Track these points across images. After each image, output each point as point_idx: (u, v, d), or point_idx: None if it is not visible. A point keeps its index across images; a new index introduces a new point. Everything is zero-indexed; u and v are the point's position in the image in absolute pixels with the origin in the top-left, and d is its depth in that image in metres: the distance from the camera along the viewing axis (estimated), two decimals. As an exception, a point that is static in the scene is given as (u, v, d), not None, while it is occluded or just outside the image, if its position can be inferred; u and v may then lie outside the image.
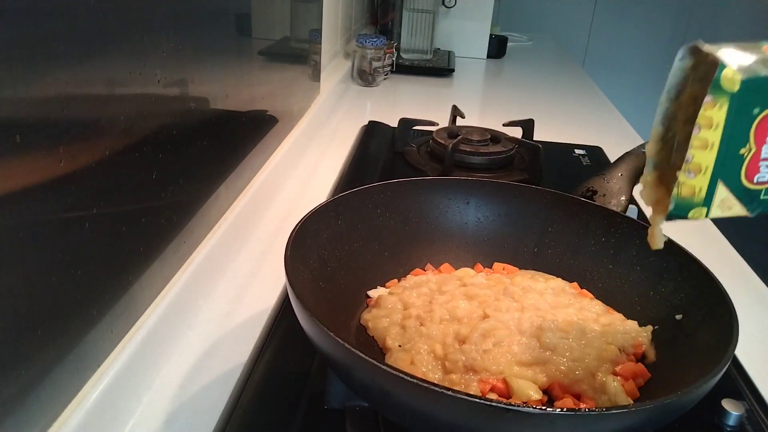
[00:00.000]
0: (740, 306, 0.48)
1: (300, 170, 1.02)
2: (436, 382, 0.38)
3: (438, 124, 1.11)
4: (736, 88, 0.36)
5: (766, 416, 0.54)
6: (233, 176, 0.73)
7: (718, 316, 0.48)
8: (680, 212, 0.40)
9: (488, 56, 1.99)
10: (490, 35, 1.97)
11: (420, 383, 0.37)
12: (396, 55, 1.66)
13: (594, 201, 0.80)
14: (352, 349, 0.39)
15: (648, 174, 0.42)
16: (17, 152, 0.35)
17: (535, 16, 2.84)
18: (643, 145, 0.89)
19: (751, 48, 0.37)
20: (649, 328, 0.55)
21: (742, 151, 0.38)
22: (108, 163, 0.45)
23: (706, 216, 0.40)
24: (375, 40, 1.50)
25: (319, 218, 0.57)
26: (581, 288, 0.62)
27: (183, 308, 0.60)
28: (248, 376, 0.55)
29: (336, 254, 0.58)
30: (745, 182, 0.39)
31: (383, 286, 0.62)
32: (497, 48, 1.99)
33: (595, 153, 1.16)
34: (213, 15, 0.65)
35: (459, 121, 1.17)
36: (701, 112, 0.36)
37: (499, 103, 1.59)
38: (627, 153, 0.89)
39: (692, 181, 0.38)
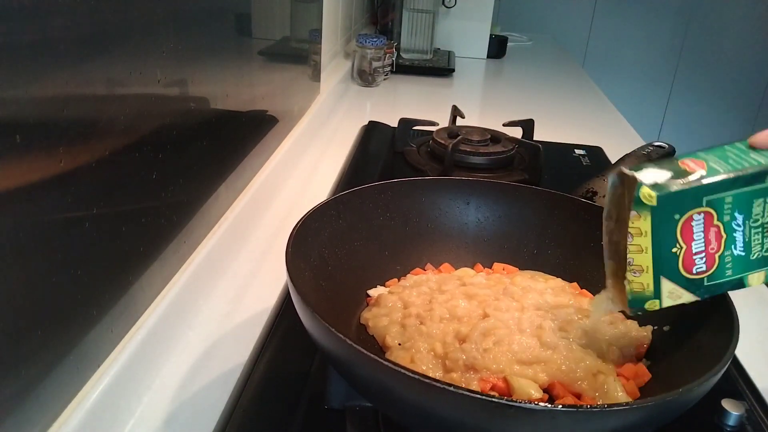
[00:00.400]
0: (740, 306, 0.48)
1: (300, 170, 1.02)
2: (436, 381, 0.38)
3: (438, 124, 1.11)
4: (654, 202, 0.43)
5: (766, 416, 0.54)
6: (233, 176, 0.73)
7: (718, 316, 0.48)
8: (637, 304, 0.46)
9: (488, 56, 1.99)
10: (490, 35, 1.97)
11: (422, 379, 0.37)
12: (396, 55, 1.66)
13: (594, 202, 0.80)
14: (354, 345, 0.39)
15: (608, 280, 0.48)
16: (17, 152, 0.35)
17: (535, 16, 2.84)
18: (643, 147, 0.89)
19: (668, 164, 0.44)
20: (649, 327, 0.55)
21: (674, 249, 0.44)
22: (108, 163, 0.45)
23: (660, 307, 0.46)
24: (375, 40, 1.50)
25: (320, 217, 0.57)
26: (581, 288, 0.62)
27: (183, 308, 0.60)
28: (248, 376, 0.55)
29: (336, 253, 0.58)
30: (685, 274, 0.45)
31: (383, 285, 0.62)
32: (497, 48, 1.99)
33: (595, 153, 1.16)
34: (213, 15, 0.65)
35: (459, 121, 1.17)
36: (630, 223, 0.43)
37: (499, 103, 1.59)
38: (627, 154, 0.89)
39: (639, 279, 0.45)
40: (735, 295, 0.49)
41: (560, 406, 0.36)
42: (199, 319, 0.63)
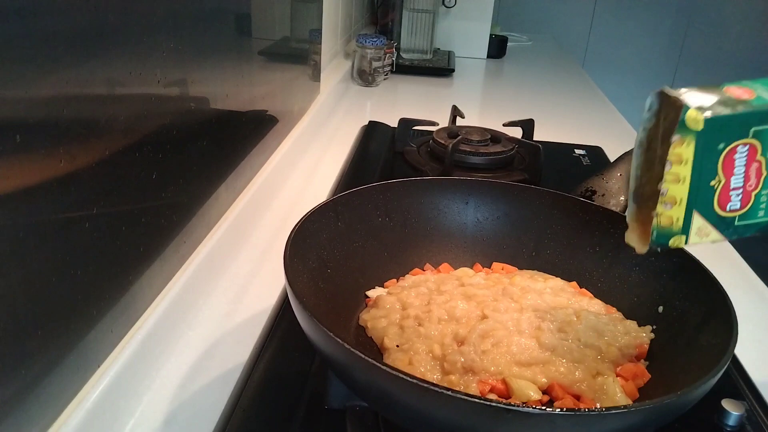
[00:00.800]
0: (740, 306, 0.48)
1: (300, 170, 1.02)
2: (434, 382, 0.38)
3: (438, 124, 1.11)
4: (700, 126, 0.40)
5: (766, 416, 0.54)
6: (233, 176, 0.73)
7: (718, 316, 0.48)
8: (661, 240, 0.43)
9: (488, 56, 1.99)
10: (490, 35, 1.97)
11: (420, 383, 0.37)
12: (396, 55, 1.66)
13: (593, 201, 0.80)
14: (351, 349, 0.39)
15: (630, 214, 0.45)
16: (17, 152, 0.35)
17: (535, 16, 2.84)
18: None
19: (713, 90, 0.41)
20: (649, 327, 0.55)
21: (712, 183, 0.42)
22: (108, 163, 0.45)
23: (686, 243, 0.43)
24: (375, 40, 1.50)
25: (319, 218, 0.57)
26: (580, 287, 0.62)
27: (183, 308, 0.60)
28: (248, 376, 0.55)
29: (335, 254, 0.58)
30: (718, 211, 0.43)
31: (382, 286, 0.62)
32: (497, 48, 1.99)
33: (595, 153, 1.16)
34: (213, 15, 0.65)
35: (459, 121, 1.17)
36: (671, 149, 0.40)
37: (499, 103, 1.59)
38: (626, 153, 0.89)
39: (669, 212, 0.42)
40: (735, 295, 0.49)
41: (558, 409, 0.36)
42: (199, 319, 0.63)
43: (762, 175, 0.42)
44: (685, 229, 0.43)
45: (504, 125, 1.13)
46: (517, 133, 1.12)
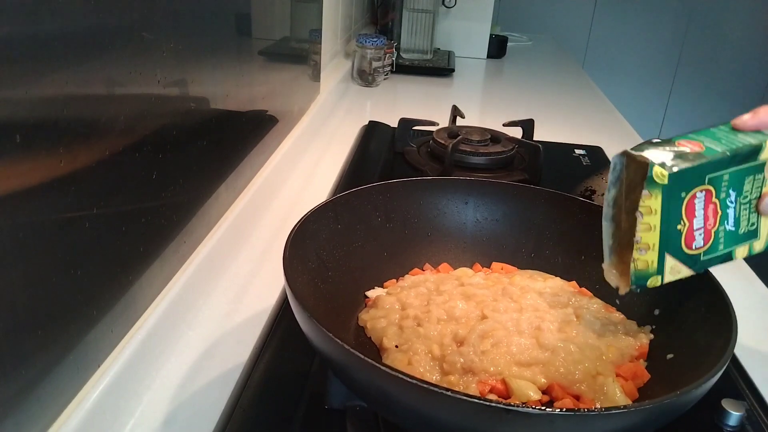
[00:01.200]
0: (740, 306, 0.48)
1: (300, 170, 1.02)
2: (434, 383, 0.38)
3: (438, 124, 1.11)
4: (666, 180, 0.45)
5: (766, 416, 0.54)
6: (233, 176, 0.74)
7: (718, 316, 0.48)
8: (640, 282, 0.49)
9: (488, 56, 1.99)
10: (490, 35, 1.97)
11: (419, 384, 0.37)
12: (396, 55, 1.66)
13: (593, 200, 0.80)
14: (351, 350, 0.39)
15: (607, 261, 0.51)
16: (17, 152, 0.35)
17: (535, 16, 2.84)
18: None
19: (668, 145, 0.47)
20: (648, 327, 0.55)
21: (679, 226, 0.47)
22: (108, 163, 0.45)
23: (662, 282, 0.48)
24: (375, 40, 1.50)
25: (318, 218, 0.57)
26: (580, 287, 0.62)
27: (183, 308, 0.60)
28: (248, 376, 0.55)
29: (335, 254, 0.58)
30: (686, 250, 0.48)
31: (381, 286, 0.62)
32: (497, 48, 1.99)
33: (595, 153, 1.16)
34: (213, 15, 0.65)
35: (459, 121, 1.17)
36: (641, 202, 0.46)
37: (499, 103, 1.59)
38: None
39: (644, 257, 0.47)
40: (735, 295, 0.49)
41: (558, 409, 0.36)
42: (199, 319, 0.63)
43: (718, 214, 0.48)
44: (660, 270, 0.48)
45: (504, 125, 1.13)
46: (517, 133, 1.12)
